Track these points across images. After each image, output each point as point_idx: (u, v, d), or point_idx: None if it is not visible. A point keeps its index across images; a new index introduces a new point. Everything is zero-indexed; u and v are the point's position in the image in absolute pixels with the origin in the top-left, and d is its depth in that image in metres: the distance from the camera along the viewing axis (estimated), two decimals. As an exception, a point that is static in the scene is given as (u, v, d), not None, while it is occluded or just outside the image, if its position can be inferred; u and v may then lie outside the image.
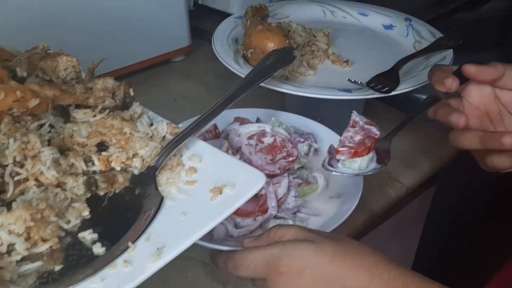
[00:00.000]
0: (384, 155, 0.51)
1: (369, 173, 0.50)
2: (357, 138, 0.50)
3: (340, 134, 0.52)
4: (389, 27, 0.81)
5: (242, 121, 0.62)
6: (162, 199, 0.43)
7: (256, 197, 0.54)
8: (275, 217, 0.54)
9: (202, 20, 1.05)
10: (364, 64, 0.72)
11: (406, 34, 0.79)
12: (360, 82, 0.61)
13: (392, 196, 0.65)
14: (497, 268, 1.00)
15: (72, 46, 0.53)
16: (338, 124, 0.72)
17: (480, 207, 1.01)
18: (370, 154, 0.50)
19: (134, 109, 0.50)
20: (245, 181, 0.44)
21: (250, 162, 0.56)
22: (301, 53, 0.70)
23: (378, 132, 0.50)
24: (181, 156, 0.48)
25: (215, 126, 0.62)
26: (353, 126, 0.51)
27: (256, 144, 0.58)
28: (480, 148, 0.47)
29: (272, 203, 0.54)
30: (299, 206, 0.55)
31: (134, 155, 0.46)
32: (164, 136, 0.49)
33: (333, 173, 0.50)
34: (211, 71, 0.89)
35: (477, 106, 0.51)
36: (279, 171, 0.56)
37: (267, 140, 0.59)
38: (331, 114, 0.73)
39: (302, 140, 0.63)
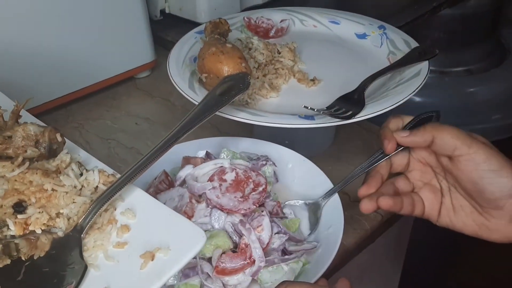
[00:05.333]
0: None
1: None
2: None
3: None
4: (362, 36, 0.75)
5: (193, 161, 0.56)
6: (85, 269, 0.37)
7: (241, 249, 0.48)
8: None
9: (169, 31, 0.99)
10: (333, 81, 0.65)
11: (380, 44, 0.72)
12: (317, 110, 0.54)
13: (365, 228, 0.60)
14: None
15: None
16: (308, 146, 0.67)
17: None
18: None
19: (61, 157, 0.44)
20: (182, 242, 0.38)
21: (221, 207, 0.50)
22: (263, 73, 0.64)
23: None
24: (115, 210, 0.42)
25: (166, 174, 0.55)
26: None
27: (220, 185, 0.52)
28: None
29: (257, 253, 0.47)
30: (284, 243, 0.50)
31: (58, 215, 0.41)
32: (97, 186, 0.44)
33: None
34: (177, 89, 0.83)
35: (419, 160, 0.51)
36: (254, 206, 0.51)
37: (229, 176, 0.53)
38: (298, 136, 0.67)
39: (263, 162, 0.57)
